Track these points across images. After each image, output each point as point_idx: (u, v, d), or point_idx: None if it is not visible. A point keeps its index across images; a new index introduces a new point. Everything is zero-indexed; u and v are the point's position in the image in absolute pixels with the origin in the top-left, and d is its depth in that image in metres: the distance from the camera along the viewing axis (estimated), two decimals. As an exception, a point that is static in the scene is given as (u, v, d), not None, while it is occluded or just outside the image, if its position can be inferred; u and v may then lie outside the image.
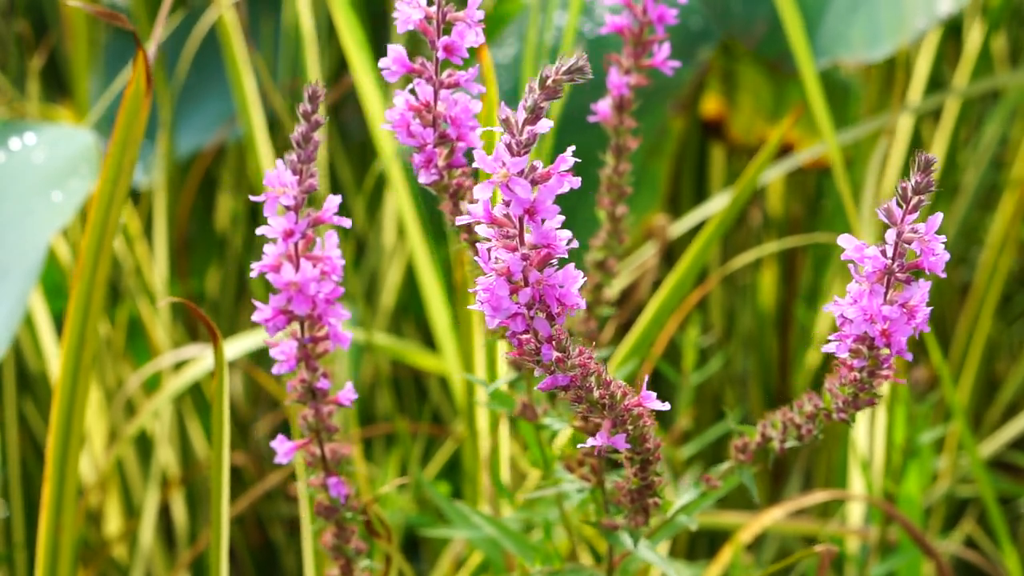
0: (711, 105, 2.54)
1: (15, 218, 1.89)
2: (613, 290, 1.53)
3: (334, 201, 1.24)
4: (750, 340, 2.65)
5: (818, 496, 1.77)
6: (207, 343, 2.43)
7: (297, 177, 1.23)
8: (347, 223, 1.25)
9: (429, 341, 2.61)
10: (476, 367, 1.80)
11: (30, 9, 2.97)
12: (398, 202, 1.97)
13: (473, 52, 1.23)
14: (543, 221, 1.03)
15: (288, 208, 1.23)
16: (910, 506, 1.98)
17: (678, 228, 2.25)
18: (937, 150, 2.40)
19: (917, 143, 2.44)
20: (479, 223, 1.04)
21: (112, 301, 2.45)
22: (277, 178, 1.23)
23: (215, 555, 1.32)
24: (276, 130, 2.54)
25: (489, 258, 1.04)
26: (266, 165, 2.12)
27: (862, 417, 2.06)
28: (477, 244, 1.27)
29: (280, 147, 2.43)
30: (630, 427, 1.12)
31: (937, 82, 2.43)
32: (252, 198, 1.24)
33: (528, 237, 1.04)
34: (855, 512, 2.09)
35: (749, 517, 1.98)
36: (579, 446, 1.16)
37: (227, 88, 2.69)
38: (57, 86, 2.98)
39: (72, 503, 1.47)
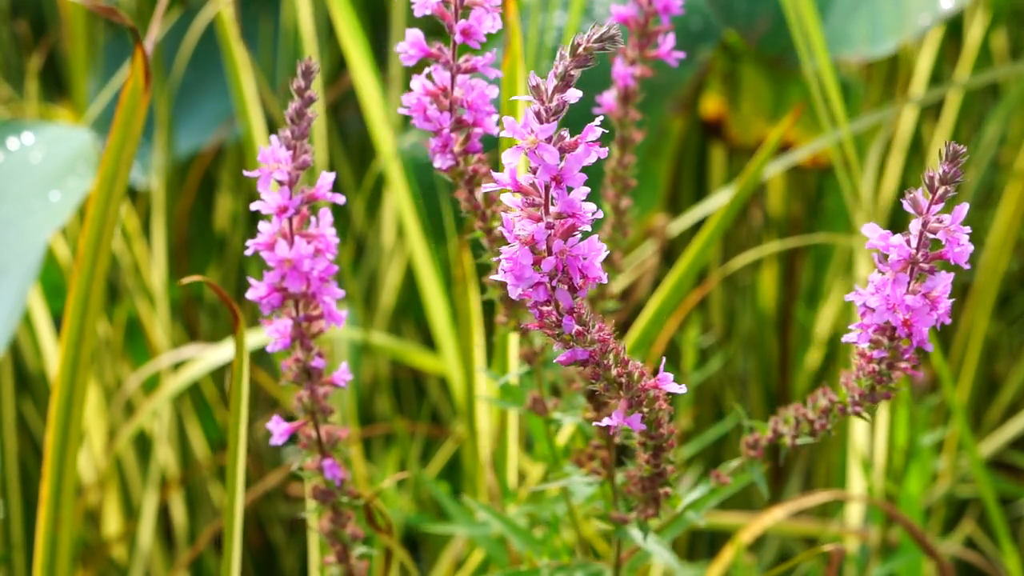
0: (711, 105, 2.53)
1: (14, 218, 1.89)
2: (615, 287, 1.53)
3: (328, 177, 1.24)
4: (750, 340, 2.64)
5: (819, 497, 1.77)
6: (206, 343, 2.43)
7: (291, 152, 1.23)
8: (341, 199, 1.24)
9: (429, 342, 2.61)
10: (475, 367, 1.79)
11: (29, 9, 2.97)
12: (398, 202, 1.97)
13: (491, 37, 1.23)
14: (569, 190, 1.02)
15: (282, 184, 1.23)
16: (911, 507, 1.98)
17: (677, 227, 2.25)
18: (938, 149, 2.39)
19: (918, 142, 2.43)
20: (505, 191, 1.04)
21: (111, 301, 2.44)
22: (271, 154, 1.22)
23: (228, 533, 1.31)
24: (276, 130, 2.53)
25: (513, 227, 1.03)
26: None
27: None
28: (491, 231, 1.26)
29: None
30: (645, 409, 1.11)
31: (938, 81, 2.42)
32: (247, 173, 1.23)
33: (553, 208, 1.03)
34: (854, 512, 2.08)
35: (749, 517, 1.98)
36: (594, 423, 1.15)
37: (226, 87, 2.68)
38: (56, 86, 2.98)
39: (70, 499, 1.46)
